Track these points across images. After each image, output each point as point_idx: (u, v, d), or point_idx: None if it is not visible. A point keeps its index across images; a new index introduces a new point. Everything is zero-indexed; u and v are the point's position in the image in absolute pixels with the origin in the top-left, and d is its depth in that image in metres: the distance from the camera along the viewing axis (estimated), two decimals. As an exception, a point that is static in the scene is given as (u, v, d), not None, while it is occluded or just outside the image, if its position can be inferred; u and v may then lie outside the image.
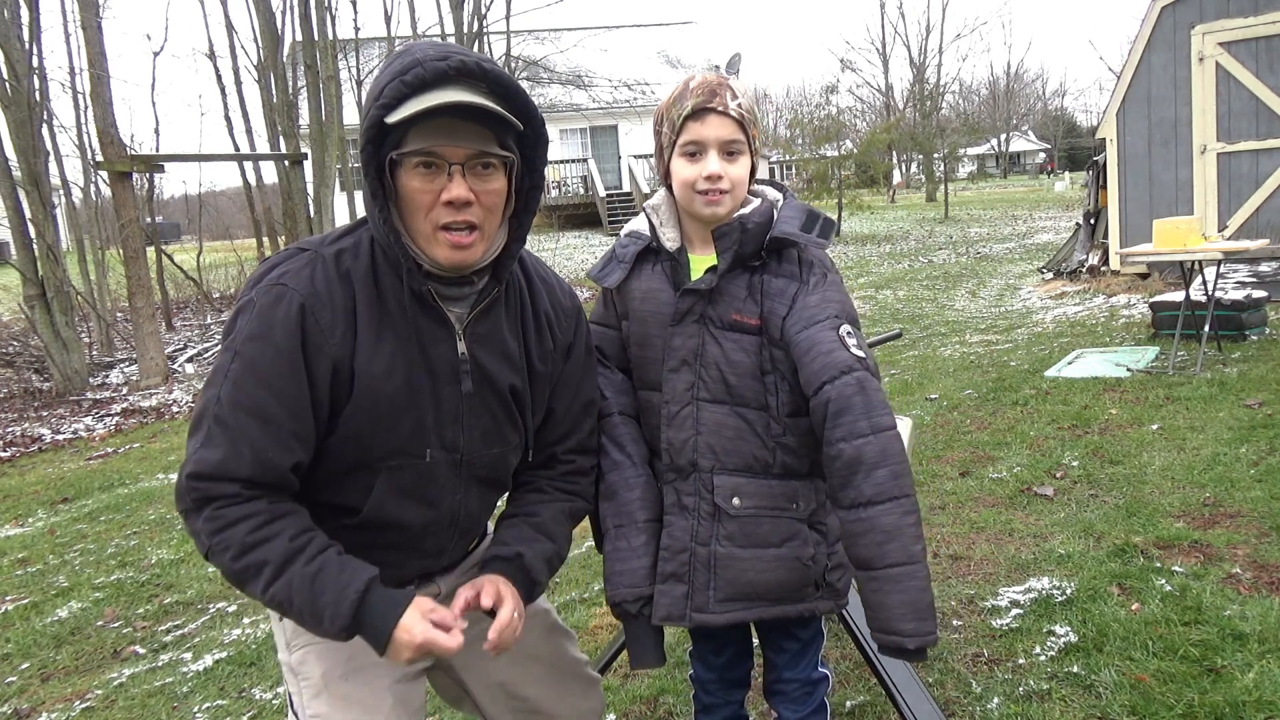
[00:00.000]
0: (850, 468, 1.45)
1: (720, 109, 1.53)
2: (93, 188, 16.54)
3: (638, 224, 1.71)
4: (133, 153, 12.17)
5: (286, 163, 14.16)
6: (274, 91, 15.71)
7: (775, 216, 1.59)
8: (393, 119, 1.27)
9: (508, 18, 19.44)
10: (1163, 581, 2.87)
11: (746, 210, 1.59)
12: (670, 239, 1.65)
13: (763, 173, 1.70)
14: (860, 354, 1.49)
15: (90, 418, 9.26)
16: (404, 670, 1.51)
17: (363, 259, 1.39)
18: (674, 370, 1.62)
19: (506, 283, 1.48)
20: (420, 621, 1.32)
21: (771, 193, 1.65)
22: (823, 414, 1.47)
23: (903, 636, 1.45)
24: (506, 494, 1.66)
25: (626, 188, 27.62)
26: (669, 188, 1.63)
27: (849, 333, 1.52)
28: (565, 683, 1.73)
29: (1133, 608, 2.73)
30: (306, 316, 1.32)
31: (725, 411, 1.60)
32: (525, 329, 1.53)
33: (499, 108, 1.31)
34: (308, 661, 1.48)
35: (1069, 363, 6.40)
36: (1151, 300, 7.11)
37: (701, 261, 1.64)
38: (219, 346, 1.39)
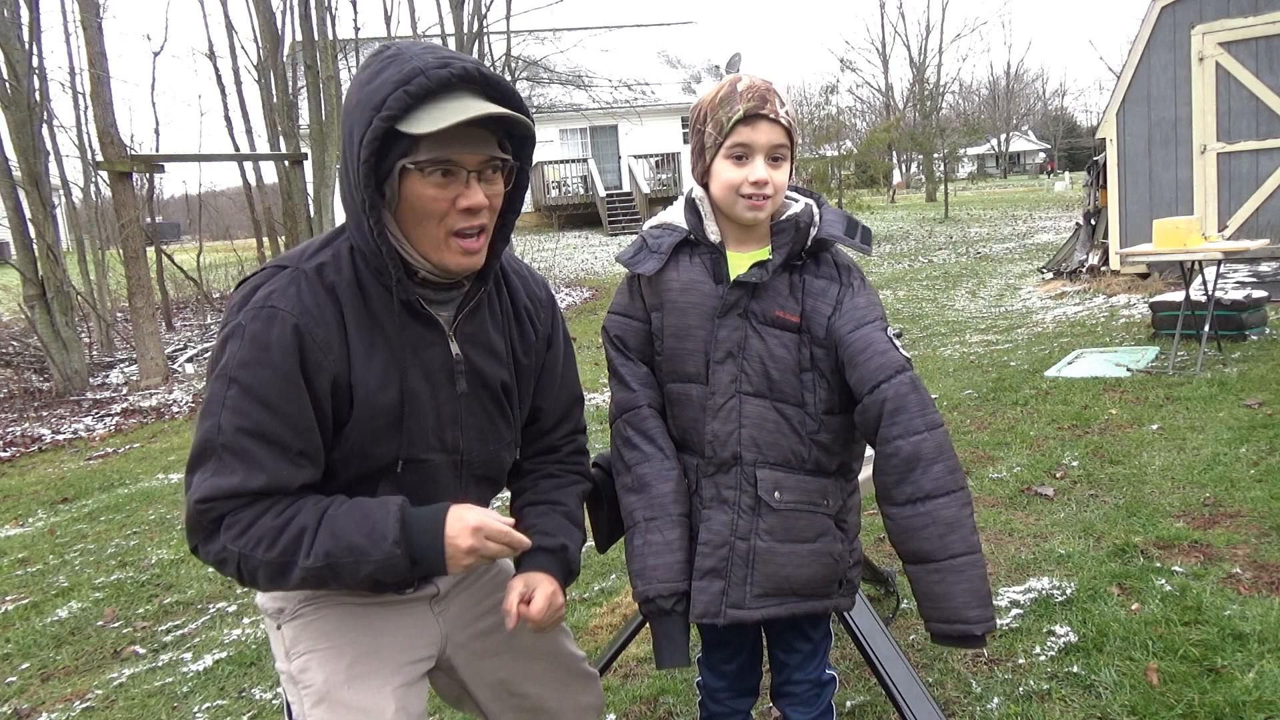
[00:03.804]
0: (908, 464, 1.50)
1: (771, 116, 1.55)
2: (93, 188, 16.54)
3: (669, 216, 1.71)
4: (133, 153, 12.16)
5: (286, 163, 14.16)
6: (274, 91, 15.71)
7: (816, 219, 1.63)
8: (418, 130, 1.26)
9: (508, 18, 19.40)
10: (1163, 581, 2.87)
11: (796, 210, 1.63)
12: (713, 232, 1.67)
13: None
14: (907, 354, 1.56)
15: (90, 418, 9.25)
16: (406, 675, 1.51)
17: (345, 271, 1.38)
18: (720, 362, 1.63)
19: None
20: (465, 532, 1.32)
21: (805, 197, 1.68)
22: (878, 412, 1.52)
23: (969, 624, 1.51)
24: (500, 491, 1.66)
25: (626, 188, 27.61)
26: (705, 185, 1.65)
27: (895, 334, 1.58)
28: (565, 679, 1.73)
29: (1133, 608, 2.73)
30: (303, 336, 1.31)
31: (765, 405, 1.62)
32: (508, 324, 1.55)
33: (515, 114, 1.32)
34: (309, 669, 1.48)
35: (1069, 363, 6.40)
36: (1151, 300, 7.11)
37: (738, 258, 1.65)
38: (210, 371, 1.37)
